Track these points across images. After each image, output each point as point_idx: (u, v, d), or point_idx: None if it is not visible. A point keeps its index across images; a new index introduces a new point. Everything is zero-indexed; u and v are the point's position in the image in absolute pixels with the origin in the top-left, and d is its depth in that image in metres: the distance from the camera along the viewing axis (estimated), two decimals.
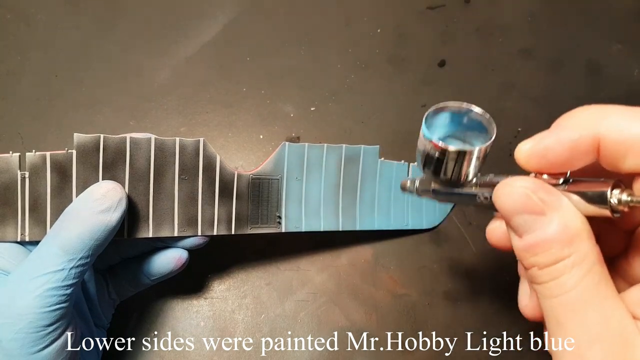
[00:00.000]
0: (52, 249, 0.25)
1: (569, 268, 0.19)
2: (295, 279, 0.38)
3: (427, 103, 0.44)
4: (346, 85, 0.45)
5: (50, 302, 0.24)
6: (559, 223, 0.19)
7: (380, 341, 0.36)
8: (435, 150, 0.23)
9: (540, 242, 0.20)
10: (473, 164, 0.23)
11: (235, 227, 0.32)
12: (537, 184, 0.20)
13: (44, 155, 0.28)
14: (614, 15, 0.49)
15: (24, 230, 0.28)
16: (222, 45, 0.47)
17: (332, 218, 0.35)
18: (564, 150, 0.20)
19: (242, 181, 0.32)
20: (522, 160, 0.21)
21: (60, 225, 0.26)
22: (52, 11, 0.47)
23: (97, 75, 0.45)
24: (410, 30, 0.48)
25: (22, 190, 0.28)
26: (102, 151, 0.28)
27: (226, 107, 0.44)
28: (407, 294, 0.38)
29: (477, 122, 0.24)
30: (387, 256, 0.39)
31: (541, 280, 0.20)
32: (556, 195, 0.20)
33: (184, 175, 0.30)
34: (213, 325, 0.36)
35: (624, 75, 0.46)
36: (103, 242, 0.26)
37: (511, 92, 0.46)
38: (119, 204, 0.27)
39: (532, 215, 0.20)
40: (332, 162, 0.35)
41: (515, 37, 0.48)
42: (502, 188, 0.21)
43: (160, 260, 0.31)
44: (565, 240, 0.19)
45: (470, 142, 0.25)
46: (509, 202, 0.20)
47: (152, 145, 0.29)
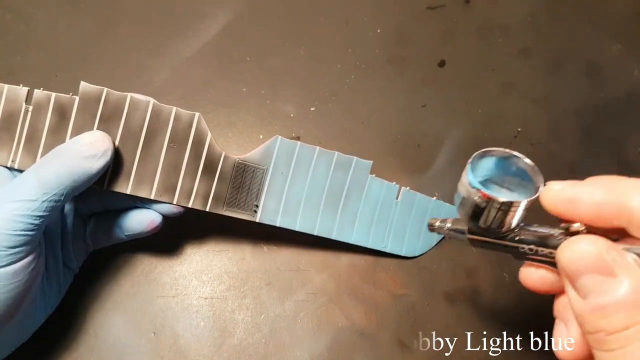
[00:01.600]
0: (30, 180, 0.27)
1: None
2: (295, 279, 0.38)
3: (427, 103, 0.44)
4: (346, 85, 0.45)
5: (17, 227, 0.26)
6: (630, 285, 0.18)
7: (380, 341, 0.36)
8: (481, 199, 0.22)
9: (611, 304, 0.19)
10: (518, 216, 0.23)
11: (211, 205, 0.33)
12: (608, 244, 0.19)
13: (49, 95, 0.30)
14: (614, 16, 0.49)
15: (15, 157, 0.30)
16: (222, 45, 0.47)
17: (309, 220, 0.35)
18: (594, 204, 0.20)
19: (228, 163, 0.33)
20: (547, 200, 0.21)
21: (44, 161, 0.28)
22: (52, 11, 0.47)
23: (97, 75, 0.45)
24: (410, 30, 0.48)
25: (23, 122, 0.30)
26: (103, 103, 0.30)
27: (226, 107, 0.44)
28: (407, 294, 0.38)
29: (520, 169, 0.23)
30: (387, 256, 0.39)
31: (609, 348, 0.19)
32: (625, 256, 0.19)
33: (172, 144, 0.32)
34: (213, 326, 0.36)
35: (624, 76, 0.46)
36: (80, 186, 0.28)
37: (511, 92, 0.46)
38: (103, 154, 0.28)
39: (602, 276, 0.19)
40: (321, 166, 0.35)
41: (515, 37, 0.48)
42: (570, 247, 0.20)
43: (135, 219, 0.33)
44: (637, 303, 0.18)
45: (507, 188, 0.24)
46: (578, 261, 0.20)
47: (150, 109, 0.31)
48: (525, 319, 0.37)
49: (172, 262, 0.38)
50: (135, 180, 0.31)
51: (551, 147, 0.43)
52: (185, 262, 0.38)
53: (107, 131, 0.30)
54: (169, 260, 0.38)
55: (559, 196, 0.21)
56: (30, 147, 0.30)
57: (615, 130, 0.45)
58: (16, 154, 0.30)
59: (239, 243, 0.39)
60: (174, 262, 0.38)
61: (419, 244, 0.39)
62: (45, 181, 0.27)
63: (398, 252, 0.38)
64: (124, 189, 0.31)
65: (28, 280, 0.27)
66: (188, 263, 0.38)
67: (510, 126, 0.44)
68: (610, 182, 0.21)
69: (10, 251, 0.26)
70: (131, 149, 0.31)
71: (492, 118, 0.44)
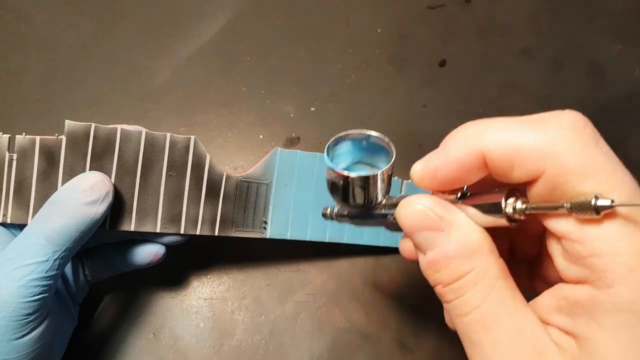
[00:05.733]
0: (38, 239, 0.25)
1: (471, 284, 0.19)
2: (295, 280, 0.38)
3: (427, 103, 0.44)
4: (346, 85, 0.45)
5: (34, 292, 0.25)
6: (456, 238, 0.19)
7: (381, 342, 0.36)
8: (339, 179, 0.23)
9: (440, 258, 0.19)
10: (379, 187, 0.23)
11: (219, 229, 0.32)
12: (434, 201, 0.20)
13: (33, 139, 0.28)
14: (614, 15, 0.49)
15: (6, 211, 0.28)
16: (222, 45, 0.47)
17: (319, 228, 0.35)
18: (452, 169, 0.19)
19: (231, 183, 0.32)
20: (415, 181, 0.21)
21: (46, 214, 0.26)
22: (52, 11, 0.47)
23: (97, 75, 0.45)
24: (410, 30, 0.48)
25: (9, 172, 0.28)
26: (92, 140, 0.28)
27: (226, 107, 0.44)
28: (407, 294, 0.38)
29: (379, 146, 0.24)
30: (387, 257, 0.39)
31: (448, 299, 0.20)
32: (453, 211, 0.20)
33: (171, 172, 0.30)
34: (213, 326, 0.36)
35: (625, 75, 0.46)
36: (87, 234, 0.27)
37: (511, 92, 0.45)
38: (105, 197, 0.27)
39: (432, 232, 0.20)
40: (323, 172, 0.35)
41: (515, 37, 0.48)
42: (403, 207, 0.21)
43: (138, 253, 0.32)
44: (464, 255, 0.19)
45: (377, 165, 0.25)
46: (409, 220, 0.20)
47: (143, 138, 0.29)
48: None
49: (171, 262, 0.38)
50: (137, 215, 0.29)
51: None
52: (185, 262, 0.38)
53: (101, 169, 0.28)
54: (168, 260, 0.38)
55: (422, 176, 0.20)
56: (20, 198, 0.28)
57: (616, 130, 0.44)
58: (7, 207, 0.28)
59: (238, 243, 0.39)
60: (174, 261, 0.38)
61: None
62: (54, 237, 0.25)
63: None
64: (127, 226, 0.29)
65: (48, 341, 0.26)
66: (188, 263, 0.38)
67: None
68: (464, 134, 0.19)
69: (29, 318, 0.25)
70: (129, 183, 0.29)
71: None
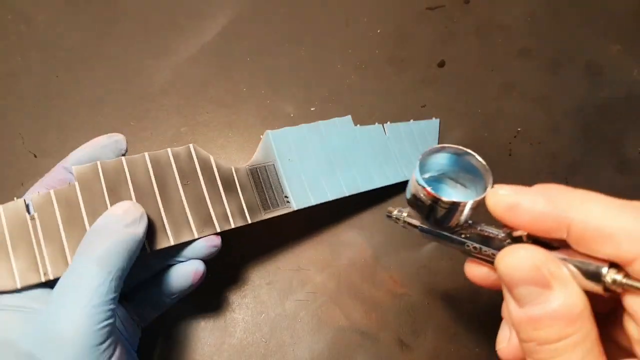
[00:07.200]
0: (88, 266, 0.25)
1: (571, 347, 0.18)
2: (296, 278, 0.38)
3: (427, 103, 0.44)
4: (346, 85, 0.45)
5: (99, 319, 0.24)
6: (565, 299, 0.19)
7: (380, 341, 0.36)
8: (428, 198, 0.23)
9: (544, 316, 0.19)
10: (465, 214, 0.23)
11: (250, 217, 0.33)
12: (546, 256, 0.19)
13: (48, 194, 0.28)
14: (614, 16, 0.49)
15: (45, 269, 0.27)
16: (222, 45, 0.47)
17: (335, 186, 0.37)
18: (534, 213, 0.20)
19: (241, 173, 0.33)
20: (490, 204, 0.21)
21: (90, 242, 0.26)
22: (52, 11, 0.48)
23: (97, 75, 0.45)
24: (410, 31, 0.48)
25: (35, 230, 0.27)
26: (103, 176, 0.29)
27: (226, 107, 0.44)
28: (407, 294, 0.38)
29: (473, 166, 0.24)
30: (387, 256, 0.39)
31: (539, 358, 0.19)
32: (562, 270, 0.19)
33: (185, 181, 0.31)
34: (213, 325, 0.36)
35: (624, 76, 0.46)
36: (134, 254, 0.26)
37: (511, 92, 0.46)
38: (142, 217, 0.27)
39: (538, 287, 0.19)
40: (315, 139, 0.37)
41: (515, 37, 0.48)
42: (508, 256, 0.20)
43: (178, 276, 0.31)
44: (570, 317, 0.18)
45: (462, 184, 0.25)
46: (516, 272, 0.20)
47: (147, 160, 0.30)
48: None
49: None
50: (172, 230, 0.30)
51: (551, 147, 0.43)
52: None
53: (120, 198, 0.28)
54: None
55: (501, 202, 0.21)
56: (53, 250, 0.27)
57: (615, 130, 0.45)
58: (44, 265, 0.27)
59: (239, 242, 0.39)
60: None
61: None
62: (105, 261, 0.25)
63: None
64: (166, 242, 0.29)
65: None
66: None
67: (510, 126, 0.44)
68: (553, 192, 0.20)
69: (102, 347, 0.24)
70: (152, 204, 0.29)
71: (492, 118, 0.44)
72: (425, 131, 0.42)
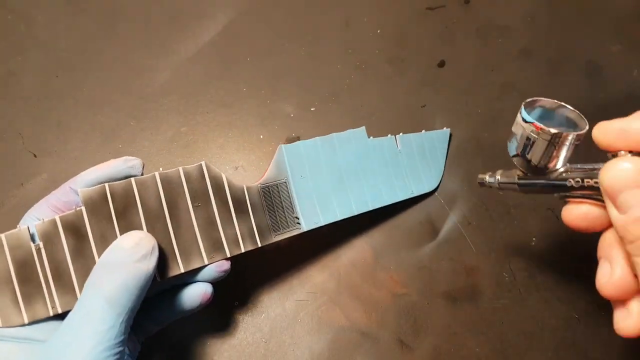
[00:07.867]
0: (99, 303, 0.24)
1: None
2: (296, 278, 0.38)
3: (427, 103, 0.44)
4: (346, 85, 0.45)
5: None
6: None
7: (381, 341, 0.36)
8: (534, 132, 0.25)
9: None
10: (565, 150, 0.25)
11: (260, 240, 0.32)
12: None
13: (54, 221, 0.27)
14: (613, 16, 0.49)
15: (53, 302, 0.26)
16: (222, 45, 0.47)
17: (344, 205, 0.36)
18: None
19: (253, 193, 0.33)
20: (599, 130, 0.23)
21: (99, 277, 0.25)
22: (52, 11, 0.48)
23: (97, 75, 0.45)
24: (410, 31, 0.48)
25: (41, 262, 0.26)
26: (111, 200, 0.27)
27: (226, 107, 0.44)
28: (407, 294, 0.38)
29: (565, 118, 0.26)
30: (387, 256, 0.39)
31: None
32: None
33: (196, 203, 0.30)
34: (213, 325, 0.36)
35: (624, 76, 0.46)
36: (144, 290, 0.26)
37: (511, 92, 0.46)
38: (152, 250, 0.26)
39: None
40: (329, 152, 0.36)
41: (515, 37, 0.48)
42: (612, 166, 0.22)
43: (186, 298, 0.30)
44: None
45: None
46: (620, 179, 0.22)
47: (158, 180, 0.29)
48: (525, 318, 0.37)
49: None
50: (182, 256, 0.29)
51: None
52: None
53: (130, 224, 0.27)
54: None
55: (611, 128, 0.23)
56: (62, 283, 0.26)
57: None
58: (52, 298, 0.26)
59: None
60: None
61: (433, 175, 0.41)
62: (115, 299, 0.24)
63: (423, 191, 0.40)
64: (176, 270, 0.28)
65: None
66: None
67: (510, 126, 0.44)
68: None
69: None
70: (162, 229, 0.28)
71: (492, 118, 0.44)
72: (435, 142, 0.41)
